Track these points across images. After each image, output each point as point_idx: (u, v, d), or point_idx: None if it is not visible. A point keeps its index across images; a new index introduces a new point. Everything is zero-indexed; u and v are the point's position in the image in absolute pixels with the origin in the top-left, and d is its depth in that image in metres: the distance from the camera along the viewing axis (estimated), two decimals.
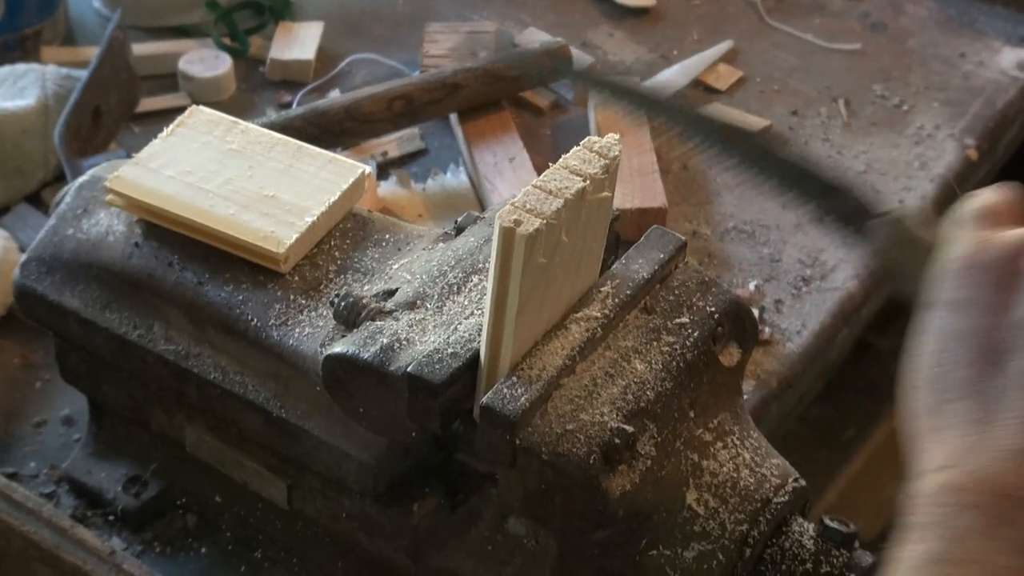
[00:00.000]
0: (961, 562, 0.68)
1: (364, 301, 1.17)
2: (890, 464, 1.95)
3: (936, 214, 0.87)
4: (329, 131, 1.81)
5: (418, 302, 1.17)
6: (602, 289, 1.15)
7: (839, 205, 0.99)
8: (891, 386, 0.84)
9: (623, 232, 1.62)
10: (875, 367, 2.09)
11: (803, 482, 1.16)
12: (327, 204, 1.29)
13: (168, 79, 2.02)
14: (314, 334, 1.21)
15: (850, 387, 2.06)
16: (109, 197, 1.32)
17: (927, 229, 0.90)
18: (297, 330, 1.22)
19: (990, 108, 2.08)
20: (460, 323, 1.14)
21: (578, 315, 1.13)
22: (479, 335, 1.10)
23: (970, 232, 0.79)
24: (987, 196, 0.80)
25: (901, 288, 0.90)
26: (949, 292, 0.76)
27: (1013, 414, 0.71)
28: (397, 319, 1.15)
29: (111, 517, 1.41)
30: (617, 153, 1.10)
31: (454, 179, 1.88)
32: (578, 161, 1.08)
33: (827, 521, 1.13)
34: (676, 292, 1.18)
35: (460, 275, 1.19)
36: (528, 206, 1.03)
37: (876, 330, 1.87)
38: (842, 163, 1.96)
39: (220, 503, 1.39)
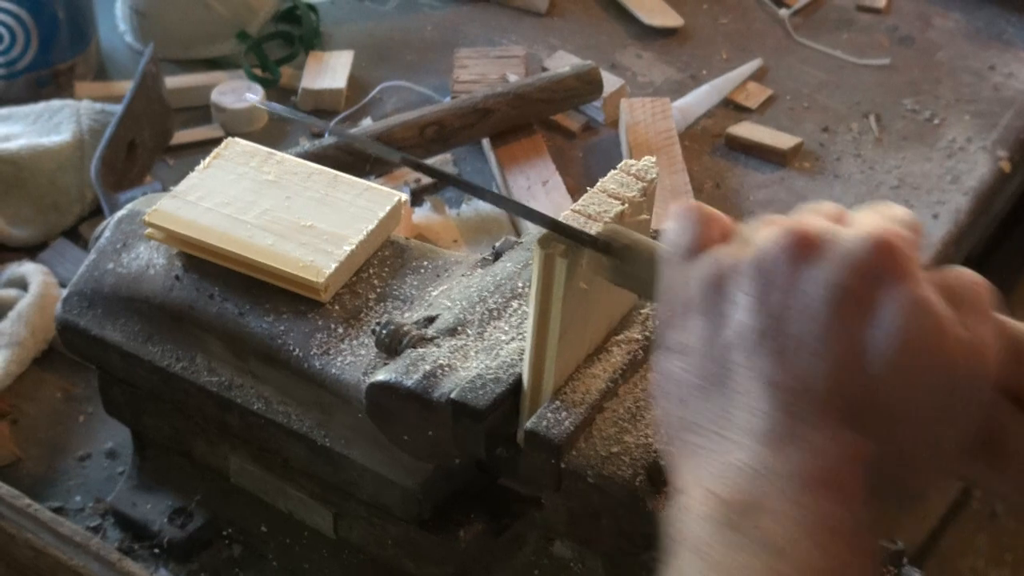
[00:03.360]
0: (708, 570, 0.72)
1: (405, 328, 1.18)
2: None
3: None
4: (362, 158, 1.82)
5: (459, 328, 1.18)
6: (642, 311, 1.16)
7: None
8: None
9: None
10: None
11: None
12: (365, 232, 1.30)
13: (201, 111, 2.03)
14: (356, 362, 1.21)
15: None
16: (148, 231, 1.33)
17: (650, 243, 0.96)
18: (339, 359, 1.22)
19: (1021, 119, 2.08)
20: (502, 348, 1.14)
21: (619, 337, 1.14)
22: (521, 360, 1.10)
23: (673, 267, 0.82)
24: (681, 223, 0.83)
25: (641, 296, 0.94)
26: (671, 337, 0.80)
27: (738, 430, 0.75)
28: (439, 346, 1.16)
29: (157, 549, 1.42)
30: (655, 176, 1.10)
31: (488, 204, 1.88)
32: (616, 185, 1.09)
33: None
34: None
35: (500, 300, 1.20)
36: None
37: None
38: (875, 178, 1.96)
39: (265, 532, 1.40)
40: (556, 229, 1.02)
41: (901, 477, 0.75)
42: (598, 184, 1.08)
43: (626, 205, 1.07)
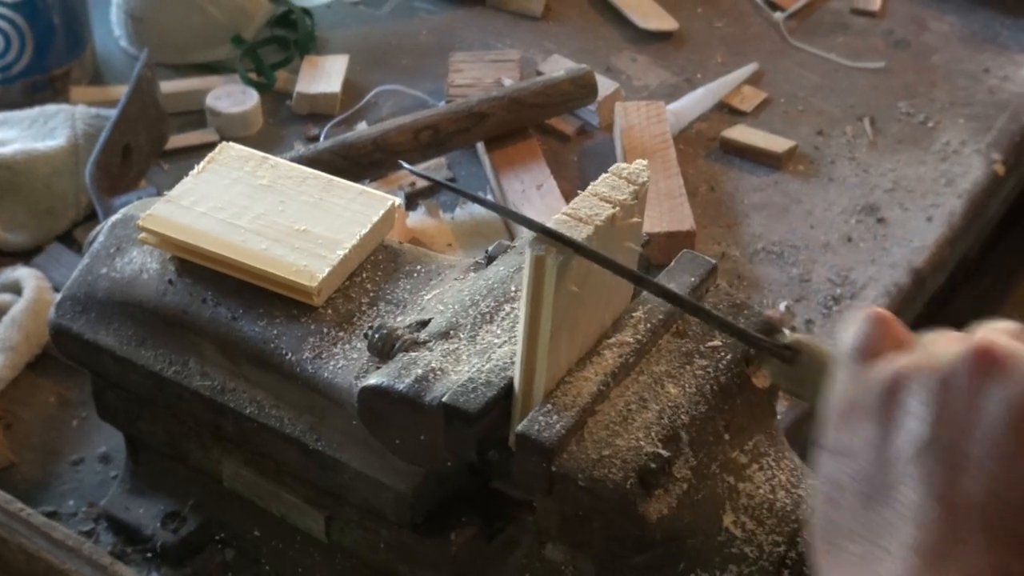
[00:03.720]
0: None
1: (398, 332, 1.18)
2: None
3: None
4: (357, 163, 1.82)
5: (451, 332, 1.18)
6: (634, 314, 1.16)
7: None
8: None
9: (652, 256, 1.63)
10: None
11: None
12: (358, 237, 1.30)
13: (196, 115, 2.03)
14: (348, 366, 1.21)
15: None
16: (142, 235, 1.33)
17: (824, 348, 0.93)
18: (332, 363, 1.23)
19: (1016, 122, 2.08)
20: (494, 352, 1.14)
21: (611, 341, 1.14)
22: (513, 363, 1.10)
23: (847, 370, 0.80)
24: (860, 326, 0.81)
25: (808, 402, 0.92)
26: (832, 438, 0.78)
27: (898, 544, 0.72)
28: (431, 349, 1.16)
29: (150, 553, 1.42)
30: (646, 179, 1.10)
31: (482, 208, 1.88)
32: (607, 188, 1.09)
33: None
34: None
35: (492, 304, 1.20)
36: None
37: None
38: (869, 181, 1.97)
39: (258, 537, 1.39)
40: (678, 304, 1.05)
41: None
42: (589, 187, 1.09)
43: (617, 208, 1.07)
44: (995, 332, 0.77)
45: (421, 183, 1.92)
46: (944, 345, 0.77)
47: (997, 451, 0.71)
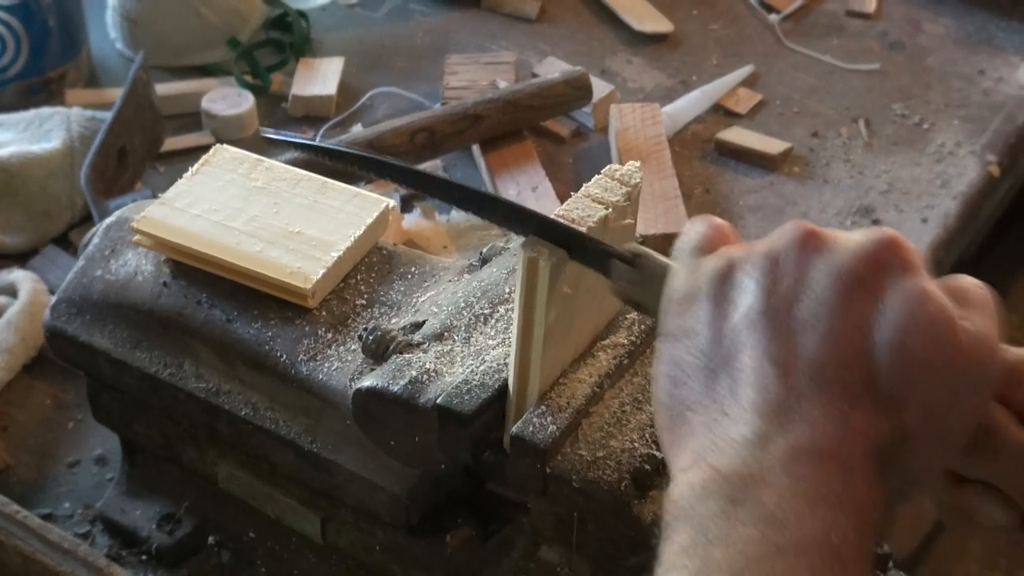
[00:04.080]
0: (708, 544, 0.73)
1: (392, 334, 1.18)
2: None
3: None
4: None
5: (446, 334, 1.18)
6: (628, 316, 1.16)
7: (584, 251, 1.02)
8: None
9: None
10: None
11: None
12: (352, 239, 1.30)
13: (191, 118, 2.03)
14: (343, 368, 1.22)
15: None
16: (137, 237, 1.33)
17: (659, 259, 0.94)
18: (326, 365, 1.23)
19: (1011, 124, 2.09)
20: (488, 354, 1.14)
21: (605, 343, 1.14)
22: (507, 365, 1.11)
23: (684, 264, 0.84)
24: (696, 228, 0.86)
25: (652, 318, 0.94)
26: (674, 323, 0.82)
27: (741, 406, 0.76)
28: (425, 351, 1.16)
29: (146, 556, 1.42)
30: (639, 180, 1.10)
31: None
32: (600, 189, 1.09)
33: None
34: None
35: (487, 306, 1.20)
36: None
37: None
38: (864, 183, 1.97)
39: (254, 538, 1.40)
40: (575, 239, 1.02)
41: (905, 462, 0.76)
42: (582, 189, 1.09)
43: (610, 209, 1.07)
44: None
45: None
46: (772, 234, 0.81)
47: (825, 312, 0.76)
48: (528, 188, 1.87)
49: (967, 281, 0.80)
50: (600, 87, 2.05)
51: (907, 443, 0.76)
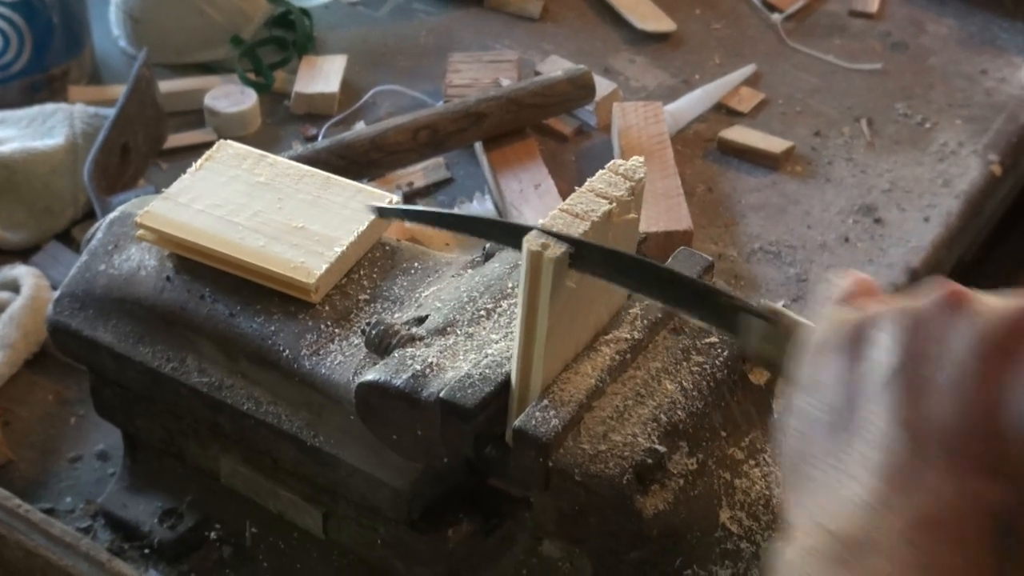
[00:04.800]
0: None
1: (395, 329, 1.18)
2: None
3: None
4: (355, 162, 1.82)
5: (448, 328, 1.18)
6: (631, 311, 1.16)
7: (712, 308, 0.99)
8: None
9: (650, 255, 1.63)
10: None
11: None
12: (356, 234, 1.30)
13: (194, 115, 2.04)
14: (346, 363, 1.22)
15: None
16: (140, 232, 1.33)
17: (794, 317, 0.93)
18: (329, 359, 1.23)
19: (1013, 123, 2.09)
20: (491, 348, 1.14)
21: (608, 337, 1.14)
22: (509, 359, 1.11)
23: (823, 316, 0.82)
24: (840, 281, 0.84)
25: (782, 378, 0.92)
26: (805, 372, 0.80)
27: (863, 468, 0.73)
28: (428, 345, 1.16)
29: (147, 550, 1.42)
30: (642, 175, 1.10)
31: (480, 207, 1.89)
32: (604, 184, 1.09)
33: None
34: None
35: (490, 301, 1.20)
36: (555, 229, 1.04)
37: None
38: (866, 182, 1.97)
39: (256, 534, 1.40)
40: (703, 294, 1.01)
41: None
42: (586, 184, 1.09)
43: (614, 204, 1.07)
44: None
45: (419, 183, 1.92)
46: (914, 296, 0.79)
47: (962, 378, 0.73)
48: (531, 185, 1.88)
49: None
50: (603, 86, 2.05)
51: None
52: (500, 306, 1.19)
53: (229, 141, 1.42)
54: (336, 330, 1.25)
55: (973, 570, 0.71)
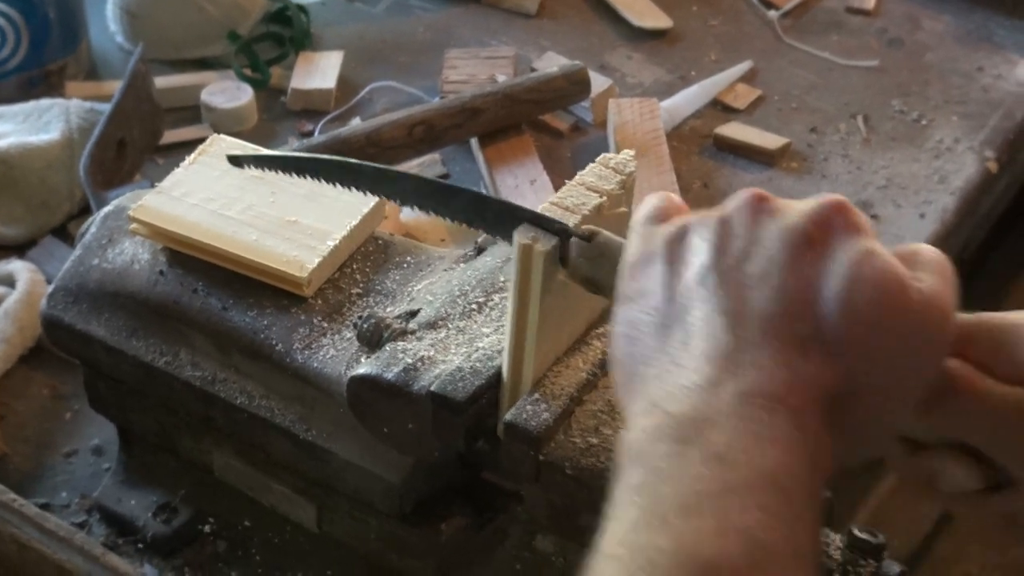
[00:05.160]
0: (659, 482, 0.75)
1: (387, 322, 1.18)
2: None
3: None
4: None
5: (440, 322, 1.18)
6: None
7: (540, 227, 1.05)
8: None
9: None
10: None
11: (827, 493, 1.16)
12: (348, 228, 1.30)
13: (191, 111, 2.04)
14: (338, 356, 1.22)
15: None
16: (133, 226, 1.33)
17: (612, 237, 0.99)
18: (321, 353, 1.23)
19: (1009, 120, 2.09)
20: (482, 341, 1.15)
21: (599, 331, 1.14)
22: (501, 353, 1.11)
23: (639, 233, 0.87)
24: (649, 201, 0.89)
25: (606, 298, 0.97)
26: (629, 286, 0.85)
27: (692, 356, 0.78)
28: (420, 339, 1.16)
29: (142, 544, 1.42)
30: (633, 169, 1.11)
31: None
32: (594, 178, 1.09)
33: (856, 531, 1.13)
34: None
35: (481, 294, 1.20)
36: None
37: None
38: (862, 178, 1.97)
39: (250, 527, 1.40)
40: (534, 221, 1.04)
41: (856, 416, 0.79)
42: (576, 177, 1.09)
43: (604, 198, 1.07)
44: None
45: None
46: (724, 204, 0.84)
47: (774, 268, 0.78)
48: (526, 181, 1.88)
49: (921, 247, 0.82)
50: (599, 82, 2.05)
51: (858, 396, 0.78)
52: (491, 300, 1.20)
53: (222, 135, 1.42)
54: (328, 324, 1.25)
55: (805, 439, 0.75)
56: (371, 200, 1.33)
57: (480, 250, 1.27)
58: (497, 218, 1.09)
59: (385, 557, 1.30)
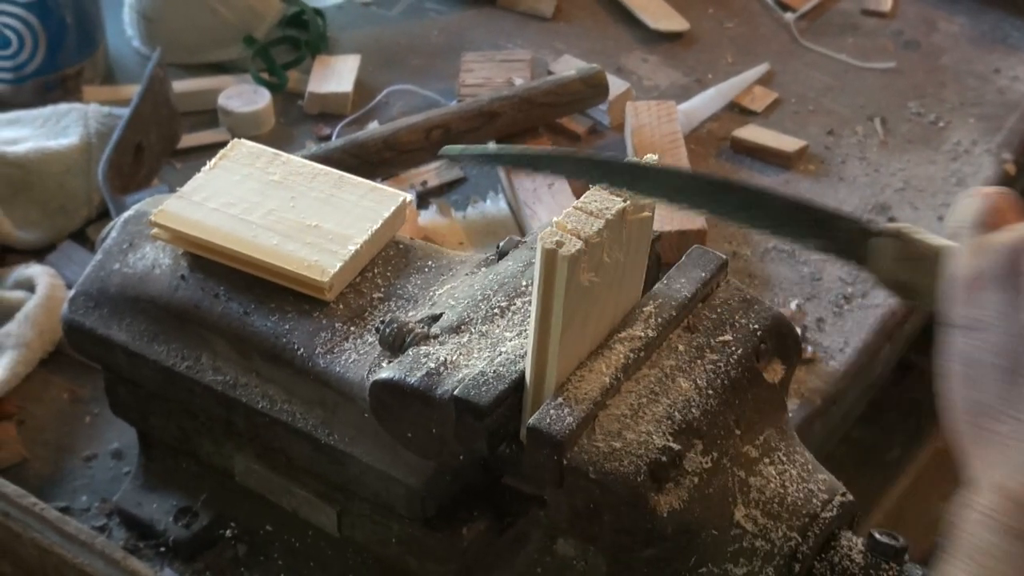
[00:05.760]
0: None
1: (409, 327, 1.18)
2: (937, 484, 1.94)
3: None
4: (368, 162, 1.82)
5: (462, 326, 1.18)
6: (645, 309, 1.16)
7: (834, 234, 0.94)
8: (934, 405, 0.83)
9: (664, 254, 1.63)
10: (918, 387, 2.09)
11: (850, 496, 1.16)
12: (370, 232, 1.30)
13: (208, 115, 2.04)
14: (360, 361, 1.22)
15: (893, 408, 2.06)
16: (154, 231, 1.33)
17: (928, 238, 0.88)
18: (343, 357, 1.23)
19: None
20: (505, 346, 1.14)
21: (622, 335, 1.14)
22: (524, 357, 1.11)
23: (968, 240, 0.76)
24: (977, 200, 0.78)
25: (918, 303, 0.88)
26: (960, 312, 0.74)
27: None
28: (442, 343, 1.16)
29: (162, 548, 1.42)
30: None
31: (494, 206, 1.89)
32: None
33: (877, 535, 1.13)
34: (718, 310, 1.19)
35: (504, 299, 1.20)
36: (569, 227, 1.04)
37: (918, 349, 1.86)
38: (880, 181, 1.97)
39: (270, 532, 1.40)
40: (827, 220, 0.93)
41: None
42: None
43: (628, 202, 1.07)
44: None
45: (433, 182, 1.93)
46: None
47: None
48: (544, 184, 1.88)
49: None
50: (616, 85, 2.05)
51: None
52: (514, 304, 1.20)
53: (243, 140, 1.42)
54: (350, 328, 1.25)
55: None
56: (392, 204, 1.33)
57: (502, 254, 1.27)
58: (783, 216, 0.95)
59: (406, 562, 1.30)
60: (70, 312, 1.37)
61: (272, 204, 1.33)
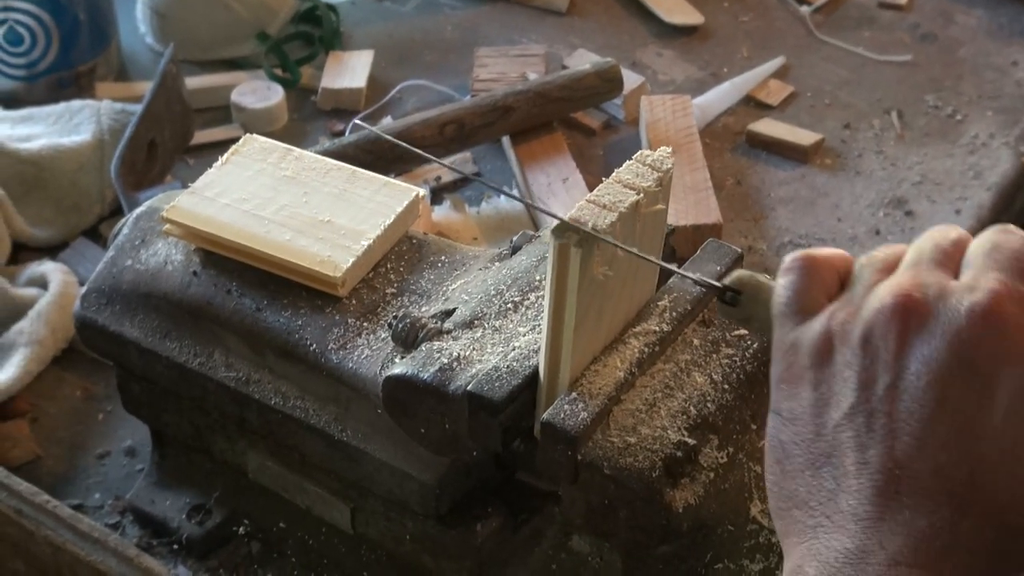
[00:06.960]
0: None
1: (422, 322, 1.18)
2: None
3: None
4: (382, 157, 1.81)
5: (476, 322, 1.17)
6: (659, 303, 1.15)
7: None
8: None
9: (679, 249, 1.62)
10: None
11: None
12: (383, 227, 1.29)
13: (221, 111, 2.04)
14: (373, 356, 1.21)
15: None
16: (166, 227, 1.33)
17: (767, 283, 0.92)
18: (356, 353, 1.22)
19: None
20: (518, 341, 1.14)
21: (636, 329, 1.13)
22: (537, 352, 1.10)
23: (782, 328, 0.80)
24: (789, 282, 0.81)
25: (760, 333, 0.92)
26: (778, 401, 0.79)
27: (843, 514, 0.73)
28: (456, 339, 1.15)
29: (176, 546, 1.41)
30: (670, 166, 1.09)
31: (508, 202, 1.88)
32: (631, 175, 1.08)
33: None
34: None
35: (517, 294, 1.19)
36: (582, 221, 1.03)
37: None
38: (897, 174, 1.95)
39: (284, 529, 1.39)
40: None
41: (1006, 556, 0.72)
42: (613, 174, 1.08)
43: (641, 195, 1.06)
44: (926, 260, 0.76)
45: (447, 178, 1.92)
46: (871, 287, 0.77)
47: (919, 412, 0.71)
48: (558, 180, 1.87)
49: None
50: (630, 79, 2.04)
51: (1012, 539, 0.71)
52: (527, 299, 1.19)
53: (255, 135, 1.41)
54: (363, 324, 1.25)
55: None
56: (405, 199, 1.32)
57: (515, 249, 1.27)
58: None
59: (420, 558, 1.29)
60: (82, 309, 1.37)
61: (285, 200, 1.32)
